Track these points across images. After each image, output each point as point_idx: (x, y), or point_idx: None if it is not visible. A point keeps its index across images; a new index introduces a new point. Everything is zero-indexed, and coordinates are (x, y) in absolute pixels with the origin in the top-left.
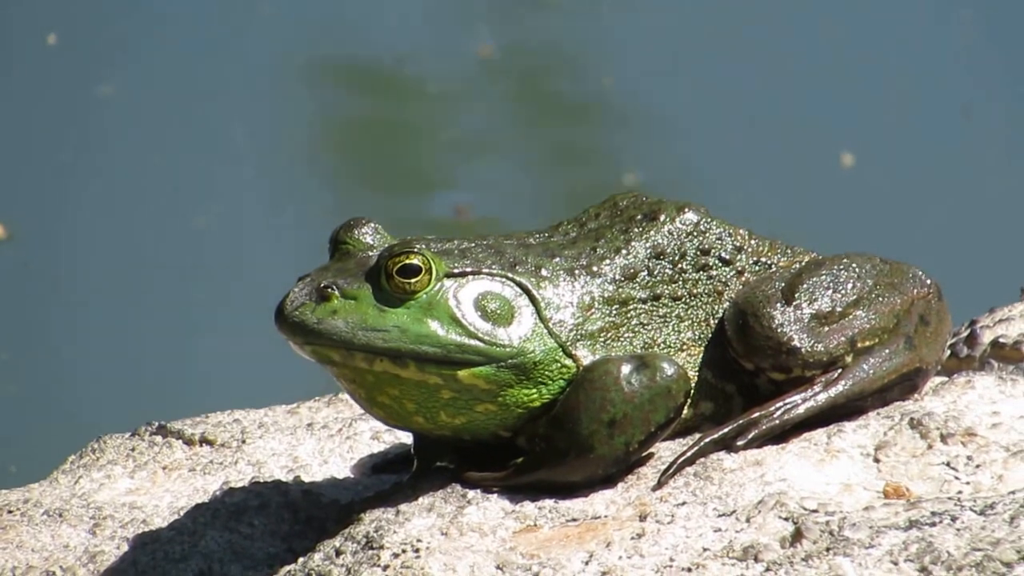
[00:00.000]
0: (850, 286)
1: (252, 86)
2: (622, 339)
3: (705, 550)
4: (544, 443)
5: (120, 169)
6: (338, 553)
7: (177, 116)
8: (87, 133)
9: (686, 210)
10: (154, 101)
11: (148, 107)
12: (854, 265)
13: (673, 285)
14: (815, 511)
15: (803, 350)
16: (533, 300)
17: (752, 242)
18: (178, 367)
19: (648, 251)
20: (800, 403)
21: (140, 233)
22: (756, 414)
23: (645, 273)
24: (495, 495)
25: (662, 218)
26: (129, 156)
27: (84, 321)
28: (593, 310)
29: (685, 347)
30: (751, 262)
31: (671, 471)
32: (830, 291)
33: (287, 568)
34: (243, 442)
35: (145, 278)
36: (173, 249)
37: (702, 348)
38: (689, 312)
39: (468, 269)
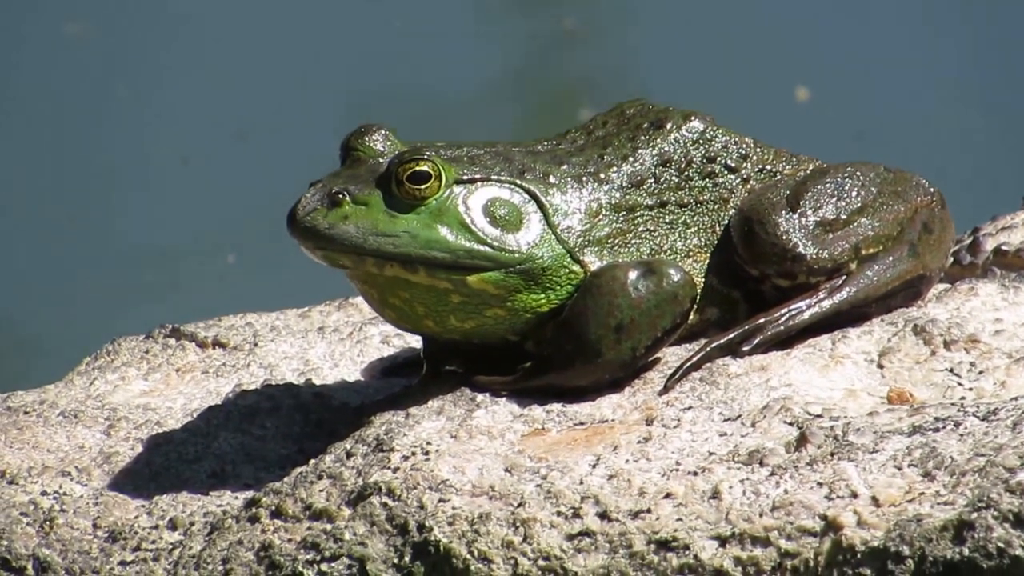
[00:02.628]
0: (855, 194)
1: (224, 22)
2: (629, 245)
3: (711, 454)
4: (552, 347)
5: (96, 106)
6: (349, 455)
7: (148, 55)
8: (56, 73)
9: (692, 118)
10: (125, 40)
11: (119, 47)
12: (859, 173)
13: (679, 192)
14: (820, 416)
15: (808, 257)
16: (541, 207)
17: (757, 150)
18: (192, 270)
19: (655, 159)
20: (805, 309)
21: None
22: (761, 320)
23: (652, 180)
24: (504, 399)
25: (668, 126)
26: (100, 95)
27: (98, 226)
28: (600, 217)
29: (691, 254)
30: (756, 170)
31: (677, 376)
32: (835, 199)
33: (299, 470)
34: (255, 345)
35: (150, 189)
36: (167, 175)
37: (708, 255)
38: (695, 219)
39: (477, 176)
